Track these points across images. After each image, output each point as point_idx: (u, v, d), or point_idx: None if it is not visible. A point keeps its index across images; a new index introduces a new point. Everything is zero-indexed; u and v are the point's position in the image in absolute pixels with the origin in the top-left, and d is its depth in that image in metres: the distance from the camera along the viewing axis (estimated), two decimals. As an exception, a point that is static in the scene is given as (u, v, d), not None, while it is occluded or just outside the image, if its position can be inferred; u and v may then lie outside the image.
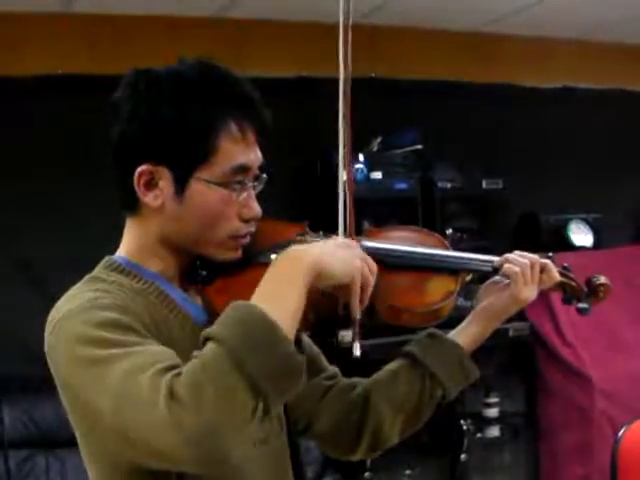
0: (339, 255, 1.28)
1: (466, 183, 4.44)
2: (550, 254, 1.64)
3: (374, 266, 1.34)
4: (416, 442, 1.53)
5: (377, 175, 4.17)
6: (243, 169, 1.37)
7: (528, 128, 4.85)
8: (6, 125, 3.79)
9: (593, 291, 1.67)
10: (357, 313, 1.33)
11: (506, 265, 1.56)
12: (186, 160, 1.34)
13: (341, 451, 1.67)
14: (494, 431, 4.41)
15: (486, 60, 4.81)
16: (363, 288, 1.31)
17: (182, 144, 1.33)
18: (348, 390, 1.63)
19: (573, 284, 1.66)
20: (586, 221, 4.75)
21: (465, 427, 4.23)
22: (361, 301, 1.32)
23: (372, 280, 1.32)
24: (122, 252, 1.43)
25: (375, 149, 4.29)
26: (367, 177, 4.14)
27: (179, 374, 1.11)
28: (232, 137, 1.35)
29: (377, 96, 4.46)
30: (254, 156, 1.39)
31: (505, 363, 4.22)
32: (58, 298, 1.35)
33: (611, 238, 4.81)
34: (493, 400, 4.37)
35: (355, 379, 1.66)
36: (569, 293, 1.66)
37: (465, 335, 1.61)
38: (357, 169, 4.08)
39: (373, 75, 4.51)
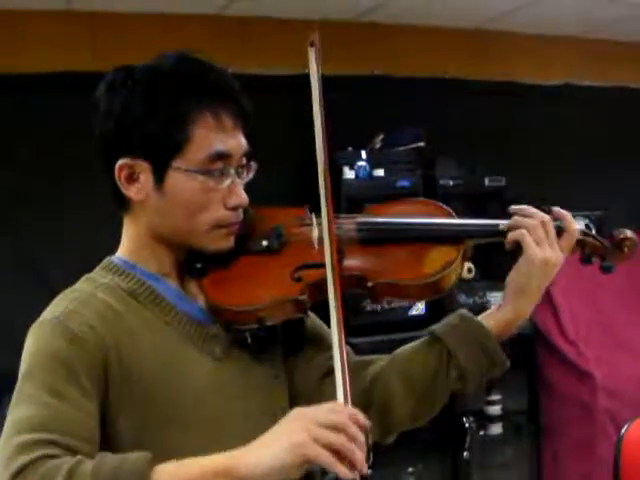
0: (267, 449, 1.14)
1: (468, 180, 4.43)
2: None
3: (337, 419, 1.16)
4: (418, 439, 1.52)
5: (379, 172, 4.17)
6: (221, 156, 1.37)
7: (530, 125, 4.85)
8: (7, 122, 3.79)
9: (617, 246, 1.51)
10: (354, 475, 1.14)
11: (510, 233, 1.45)
12: (161, 151, 1.35)
13: None
14: (496, 429, 4.41)
15: (488, 57, 4.81)
16: (339, 451, 1.13)
17: (155, 135, 1.34)
18: (359, 367, 1.53)
19: (593, 241, 1.51)
20: (588, 218, 4.73)
21: (467, 425, 4.23)
22: (351, 463, 1.14)
23: (341, 438, 1.13)
24: (120, 252, 1.45)
25: (377, 147, 4.29)
26: (369, 174, 4.13)
27: (51, 457, 1.12)
28: (207, 125, 1.35)
29: (379, 94, 4.46)
30: (234, 143, 1.39)
31: (507, 360, 4.21)
32: (57, 295, 1.37)
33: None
34: (495, 398, 4.37)
35: (372, 357, 1.57)
36: (588, 250, 1.51)
37: (494, 318, 1.49)
38: (359, 167, 4.08)
39: (375, 73, 4.51)
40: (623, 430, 2.37)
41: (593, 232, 1.53)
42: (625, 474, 2.29)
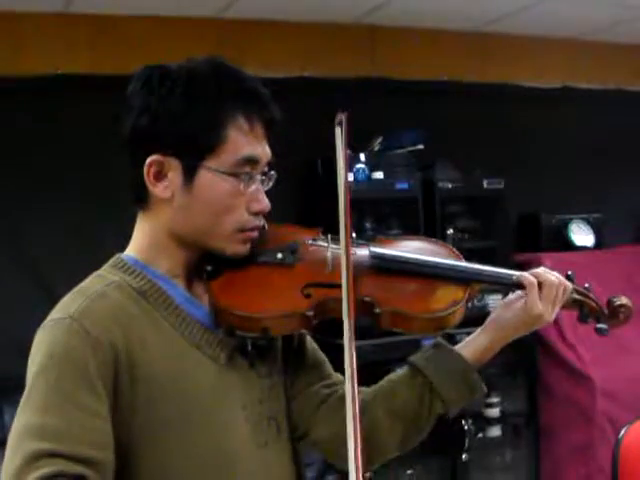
0: None
1: (467, 183, 4.44)
2: (569, 272, 1.57)
3: None
4: (417, 442, 1.54)
5: (378, 175, 4.16)
6: (251, 161, 1.39)
7: (528, 128, 4.85)
8: (6, 124, 3.79)
9: (613, 312, 1.58)
10: None
11: (524, 275, 1.50)
12: (195, 149, 1.36)
13: (339, 459, 1.63)
14: (495, 431, 4.41)
15: (486, 60, 4.82)
16: None
17: (191, 133, 1.36)
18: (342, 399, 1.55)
19: (592, 304, 1.58)
20: (587, 221, 4.75)
21: (466, 427, 4.22)
22: None
23: None
24: (131, 250, 1.45)
25: (376, 149, 4.29)
26: (368, 177, 4.13)
27: (60, 476, 1.14)
28: (240, 129, 1.38)
29: (378, 96, 4.46)
30: (262, 150, 1.41)
31: (506, 363, 4.22)
32: (58, 297, 1.37)
33: (612, 238, 4.81)
34: (494, 400, 4.37)
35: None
36: (586, 312, 1.58)
37: (472, 348, 1.54)
38: (358, 169, 4.08)
39: (374, 75, 4.51)
40: (622, 433, 2.38)
41: (591, 294, 1.58)
42: (623, 477, 2.29)
